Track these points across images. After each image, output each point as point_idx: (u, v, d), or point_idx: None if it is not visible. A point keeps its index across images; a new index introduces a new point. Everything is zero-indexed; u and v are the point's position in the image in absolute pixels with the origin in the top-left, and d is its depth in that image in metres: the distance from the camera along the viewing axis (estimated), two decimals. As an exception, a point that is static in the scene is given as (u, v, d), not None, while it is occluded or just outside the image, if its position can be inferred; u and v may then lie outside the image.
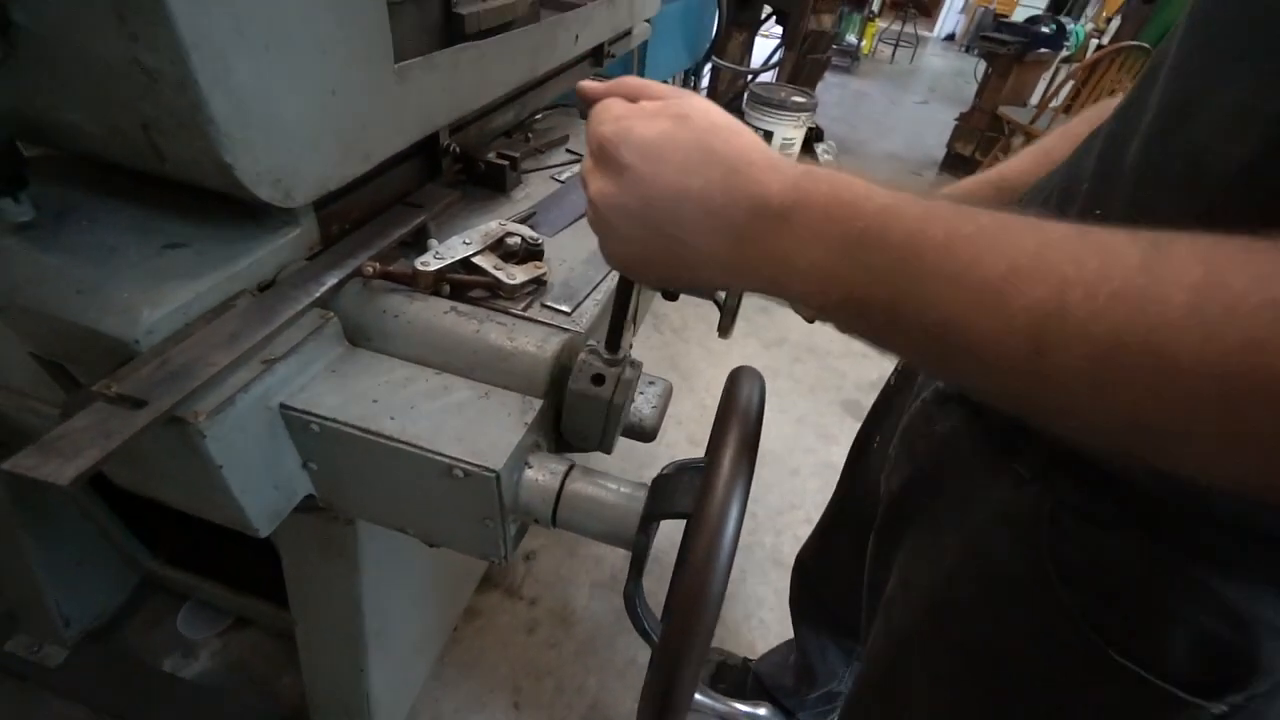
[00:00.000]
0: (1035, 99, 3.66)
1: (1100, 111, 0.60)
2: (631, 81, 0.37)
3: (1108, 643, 0.39)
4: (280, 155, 0.43)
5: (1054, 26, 3.68)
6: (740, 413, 0.34)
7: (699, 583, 0.28)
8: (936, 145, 4.02)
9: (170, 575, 1.15)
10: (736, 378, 0.38)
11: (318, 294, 0.46)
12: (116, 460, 0.44)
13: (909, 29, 6.37)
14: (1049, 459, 0.41)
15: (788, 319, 2.32)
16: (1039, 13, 4.38)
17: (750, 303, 2.47)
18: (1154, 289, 0.21)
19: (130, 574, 1.18)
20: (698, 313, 2.26)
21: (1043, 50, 3.59)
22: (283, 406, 0.42)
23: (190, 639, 1.18)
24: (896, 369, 0.73)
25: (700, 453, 0.39)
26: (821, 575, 0.92)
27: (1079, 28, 4.33)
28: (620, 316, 0.41)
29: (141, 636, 1.18)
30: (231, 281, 0.45)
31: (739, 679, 1.20)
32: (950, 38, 8.03)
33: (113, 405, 0.35)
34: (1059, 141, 0.59)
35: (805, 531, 1.59)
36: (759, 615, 1.37)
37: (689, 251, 0.32)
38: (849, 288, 0.27)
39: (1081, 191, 0.41)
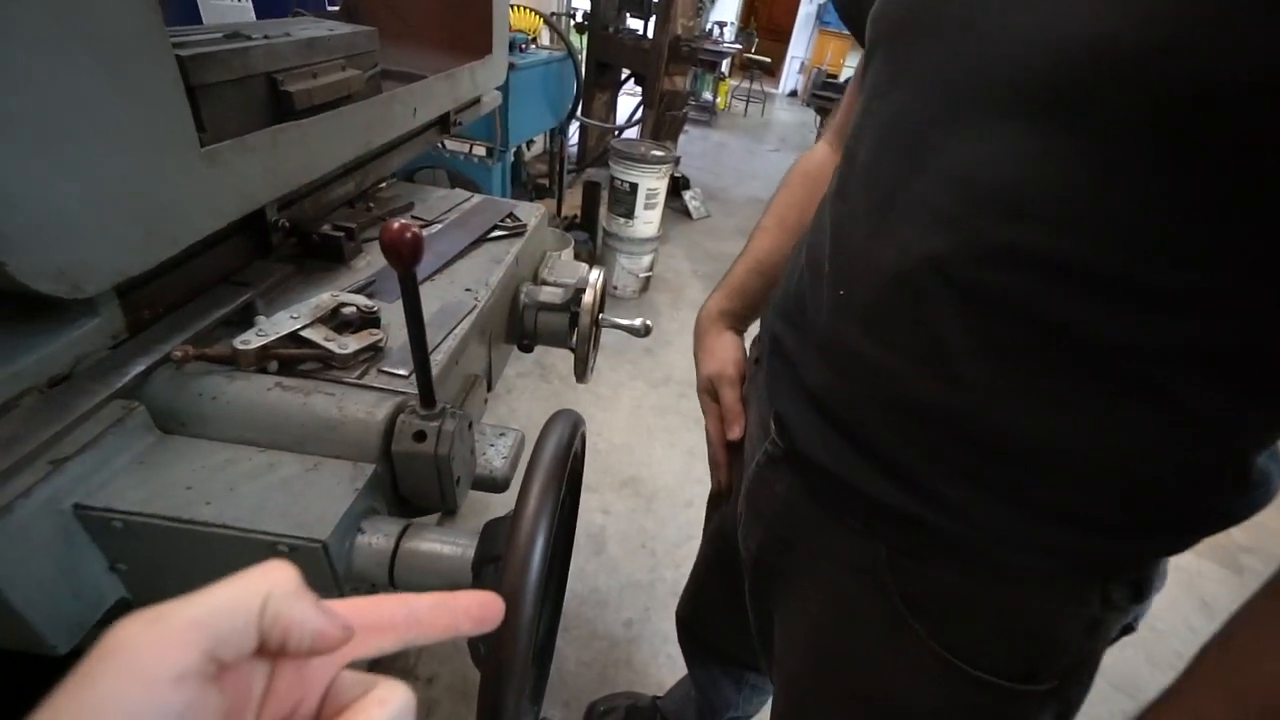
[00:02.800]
0: (865, 144, 4.15)
1: (805, 169, 0.71)
2: None
3: (962, 661, 0.44)
4: (62, 248, 0.41)
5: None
6: (545, 453, 0.37)
7: (508, 612, 0.31)
8: (790, 187, 4.44)
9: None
10: (550, 421, 0.42)
11: (119, 384, 0.45)
12: None
13: (757, 87, 7.06)
14: (870, 512, 0.46)
15: (671, 358, 2.42)
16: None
17: (636, 345, 2.54)
18: None
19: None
20: (584, 359, 2.29)
21: (865, 102, 4.12)
22: (77, 507, 0.40)
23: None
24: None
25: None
26: (700, 622, 0.95)
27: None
28: (424, 371, 0.43)
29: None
30: (16, 379, 0.42)
31: (649, 720, 1.20)
32: (794, 94, 8.98)
33: None
34: (786, 207, 0.70)
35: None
36: (665, 651, 1.38)
37: None
38: None
39: (825, 273, 0.47)
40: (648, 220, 2.65)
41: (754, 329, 0.72)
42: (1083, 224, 0.33)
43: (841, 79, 5.37)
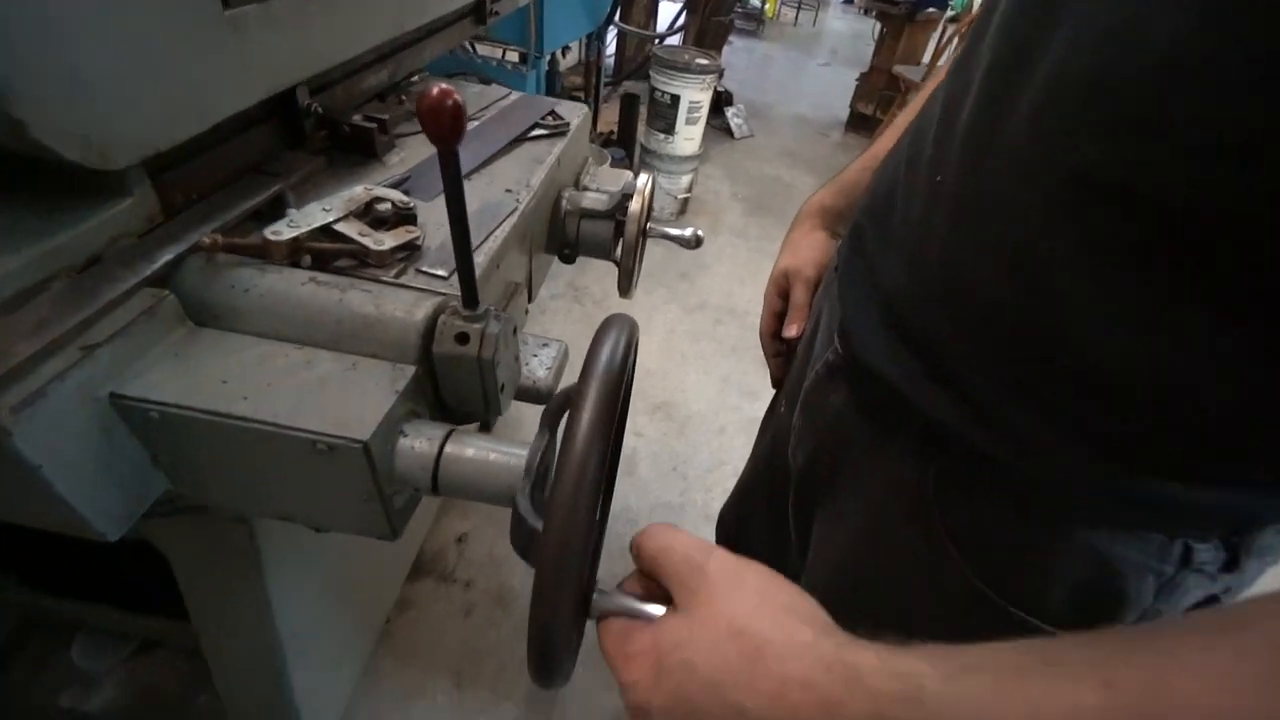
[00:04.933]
0: (927, 58, 3.82)
1: None
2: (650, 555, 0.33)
3: (999, 595, 0.41)
4: (87, 112, 0.38)
5: (940, -14, 3.83)
6: (605, 347, 0.34)
7: (569, 508, 0.29)
8: (840, 106, 4.14)
9: (55, 606, 1.04)
10: (605, 323, 0.38)
11: (148, 272, 0.42)
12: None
13: (810, -9, 6.48)
14: (925, 433, 0.42)
15: (707, 283, 2.35)
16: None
17: (672, 270, 2.49)
18: None
19: (5, 612, 1.07)
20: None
21: (930, 10, 3.74)
22: (113, 396, 0.38)
23: (90, 670, 1.09)
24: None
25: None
26: (740, 531, 0.95)
27: (963, -13, 4.53)
28: (467, 269, 0.39)
29: (31, 675, 1.08)
30: (49, 258, 0.40)
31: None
32: (849, 0, 8.23)
33: (-116, 408, 0.31)
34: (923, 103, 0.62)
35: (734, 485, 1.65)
36: (694, 570, 1.41)
37: None
38: None
39: (927, 159, 0.42)
40: (689, 136, 2.51)
41: None
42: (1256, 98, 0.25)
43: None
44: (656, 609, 0.32)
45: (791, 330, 0.65)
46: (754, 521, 0.90)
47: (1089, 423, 0.35)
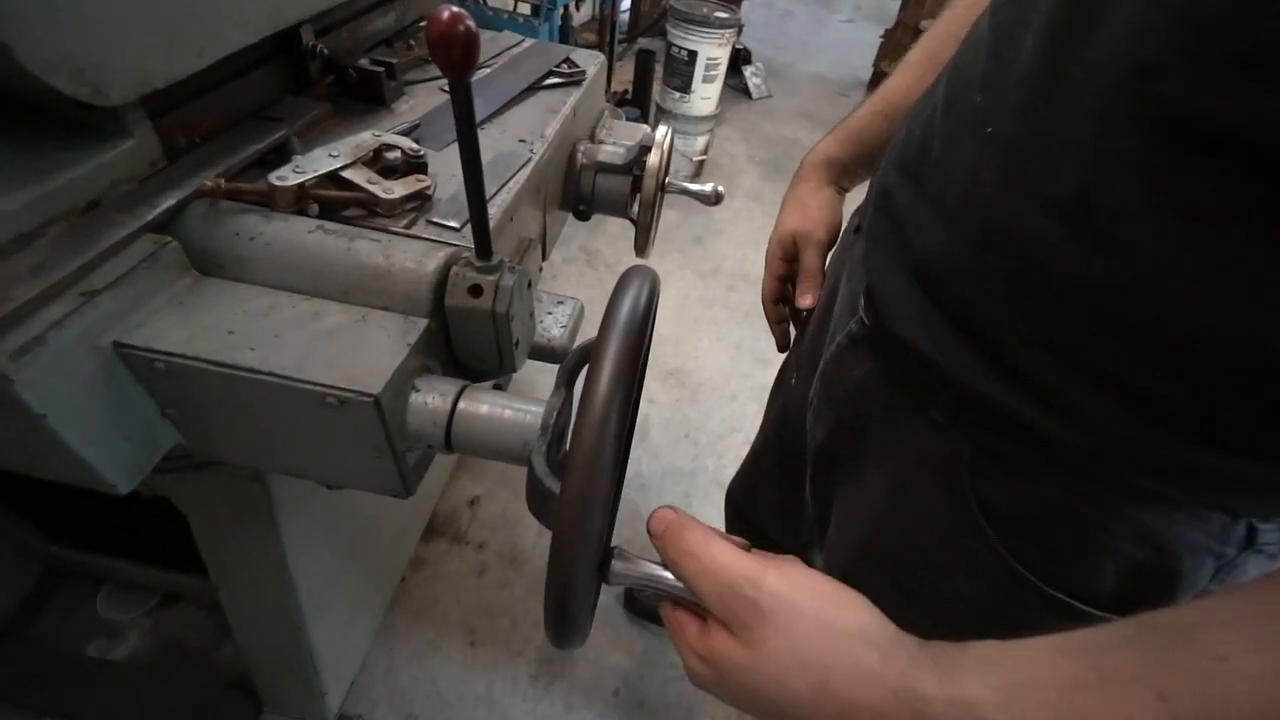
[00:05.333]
0: (957, 12, 3.62)
1: None
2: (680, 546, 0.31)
3: (1037, 577, 0.39)
4: (76, 40, 0.36)
5: (973, -66, 3.62)
6: (625, 301, 0.32)
7: (589, 458, 0.27)
8: (862, 65, 3.98)
9: (78, 559, 1.07)
10: (626, 275, 0.36)
11: (150, 217, 0.40)
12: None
13: (834, -58, 6.17)
14: (960, 405, 0.40)
15: (722, 249, 2.30)
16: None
17: (685, 234, 2.44)
18: None
19: (30, 564, 1.09)
20: (631, 245, 2.21)
21: (963, -40, 3.55)
22: (117, 345, 0.37)
23: (115, 621, 1.12)
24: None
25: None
26: (751, 504, 0.93)
27: (998, -64, 4.29)
28: (480, 214, 0.37)
29: (59, 625, 1.11)
30: (47, 201, 0.38)
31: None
32: (875, -48, 7.85)
33: (-122, 352, 0.29)
34: (943, 43, 0.56)
35: (746, 454, 1.64)
36: (705, 535, 1.41)
37: None
38: None
39: (973, 105, 0.37)
40: (705, 95, 2.42)
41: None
42: None
43: (937, -69, 4.62)
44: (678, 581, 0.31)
45: (806, 300, 0.61)
46: (764, 492, 0.88)
47: (1150, 391, 0.32)
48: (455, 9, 0.31)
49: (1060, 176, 0.32)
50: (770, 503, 0.87)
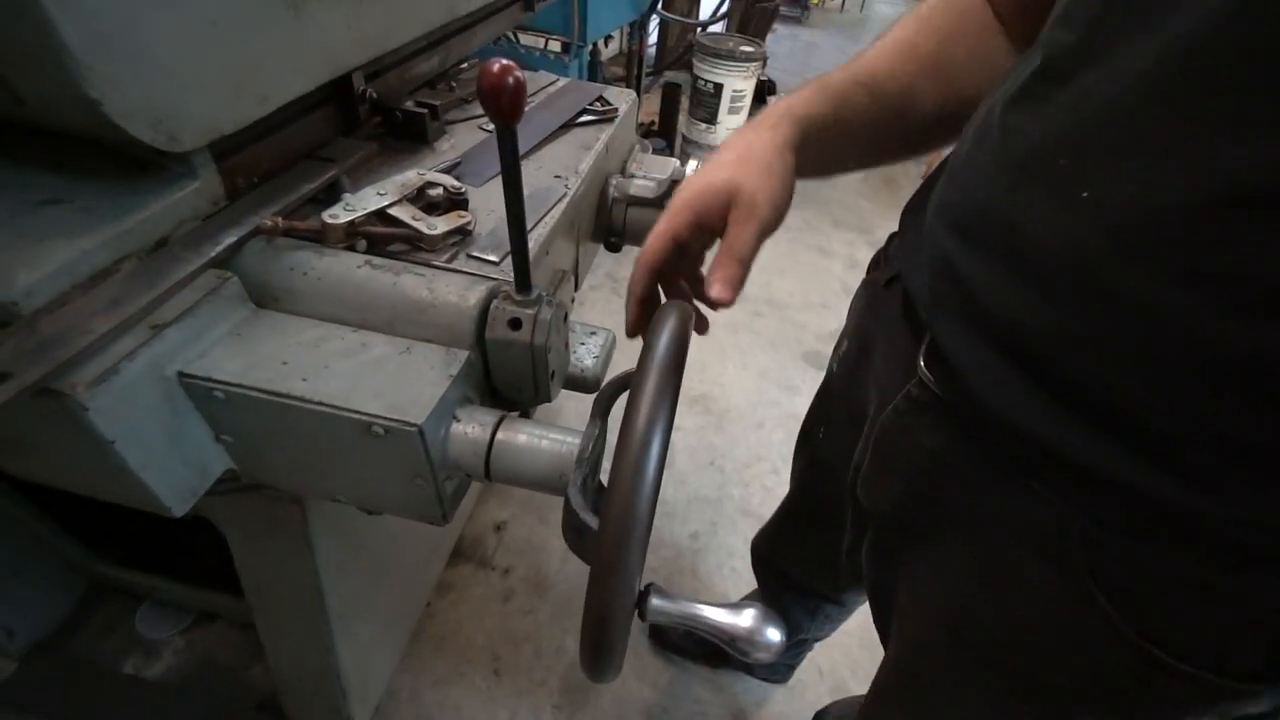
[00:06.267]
0: (982, 41, 3.63)
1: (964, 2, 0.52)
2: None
3: (1169, 653, 0.36)
4: (155, 91, 0.39)
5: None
6: (662, 339, 0.33)
7: (628, 487, 0.28)
8: (888, 93, 4.00)
9: (121, 576, 1.10)
10: (662, 310, 0.37)
11: (213, 254, 0.43)
12: (3, 446, 0.41)
13: (857, -24, 6.28)
14: (1071, 477, 0.37)
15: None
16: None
17: (709, 259, 2.45)
18: None
19: (76, 580, 1.13)
20: (657, 274, 2.23)
21: (988, -9, 3.57)
22: (181, 375, 0.39)
23: (151, 639, 1.14)
24: (836, 353, 0.66)
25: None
26: (781, 557, 0.91)
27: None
28: (522, 252, 0.38)
29: (98, 642, 1.13)
30: (122, 240, 0.41)
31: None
32: (899, -16, 7.95)
33: (-29, 381, 0.32)
34: (920, 34, 0.52)
35: (772, 482, 1.62)
36: (730, 565, 1.39)
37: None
38: None
39: (1056, 169, 0.34)
40: (731, 126, 2.47)
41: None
42: None
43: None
44: (715, 611, 0.31)
45: (724, 292, 0.42)
46: (794, 544, 0.86)
47: None
48: (505, 62, 0.33)
49: (1195, 246, 0.29)
50: (803, 554, 0.85)
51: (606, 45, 2.84)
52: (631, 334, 0.49)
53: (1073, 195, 0.33)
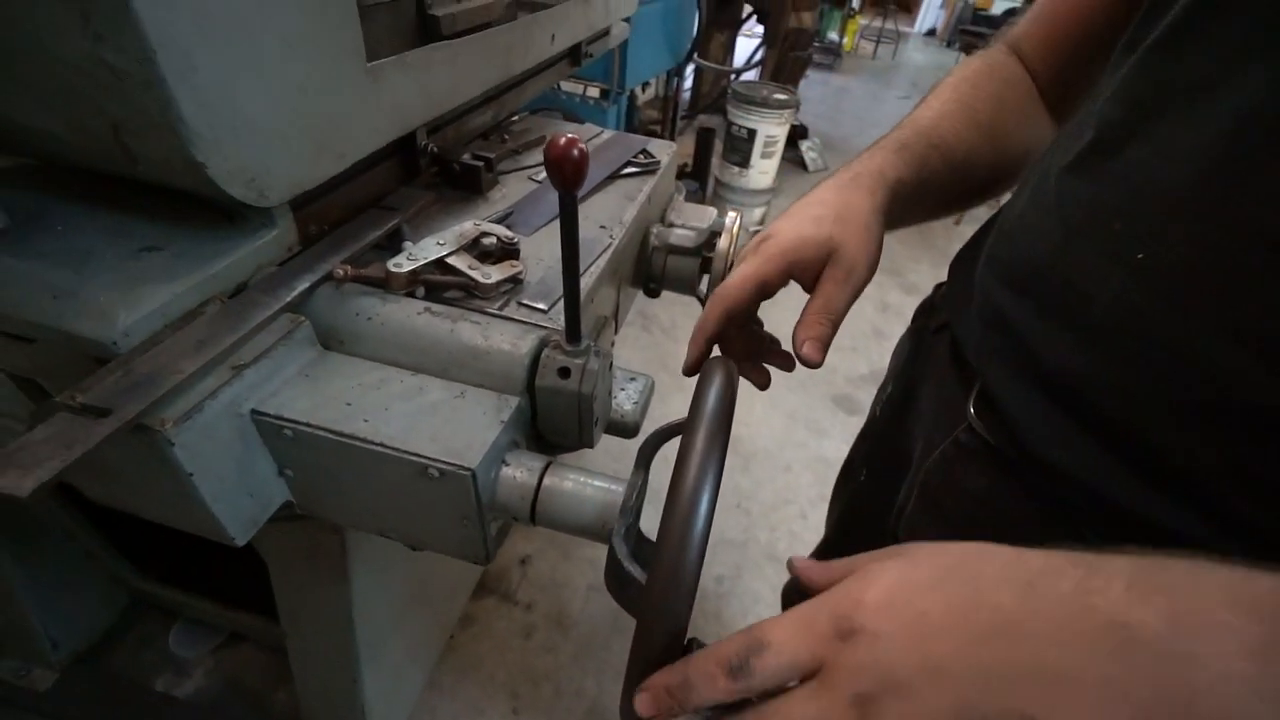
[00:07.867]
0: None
1: (990, 64, 0.54)
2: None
3: None
4: (252, 154, 0.43)
5: (1031, 17, 3.71)
6: (711, 395, 0.34)
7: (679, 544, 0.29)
8: (920, 139, 4.04)
9: (160, 593, 1.13)
10: (709, 365, 0.39)
11: (289, 298, 0.46)
12: (87, 473, 0.44)
13: (890, 25, 6.41)
14: (1116, 521, 0.37)
15: (773, 318, 2.32)
16: (1016, 5, 4.42)
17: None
18: None
19: (118, 594, 1.17)
20: (686, 311, 2.26)
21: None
22: (254, 413, 0.42)
23: (183, 657, 1.17)
24: (879, 397, 0.68)
25: None
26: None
27: (1056, 18, 4.37)
28: (574, 306, 0.40)
29: (133, 657, 1.16)
30: (209, 283, 0.45)
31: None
32: (931, 33, 8.10)
33: (76, 415, 0.35)
34: (977, 99, 0.53)
35: (799, 527, 1.59)
36: (755, 610, 1.37)
37: None
38: None
39: (1110, 232, 0.35)
40: (763, 170, 2.52)
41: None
42: None
43: (995, 10, 4.74)
44: None
45: (814, 354, 0.45)
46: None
47: None
48: (570, 135, 0.36)
49: (1243, 303, 0.30)
50: None
51: (644, 91, 2.94)
52: (689, 372, 0.49)
53: (1126, 256, 0.35)
